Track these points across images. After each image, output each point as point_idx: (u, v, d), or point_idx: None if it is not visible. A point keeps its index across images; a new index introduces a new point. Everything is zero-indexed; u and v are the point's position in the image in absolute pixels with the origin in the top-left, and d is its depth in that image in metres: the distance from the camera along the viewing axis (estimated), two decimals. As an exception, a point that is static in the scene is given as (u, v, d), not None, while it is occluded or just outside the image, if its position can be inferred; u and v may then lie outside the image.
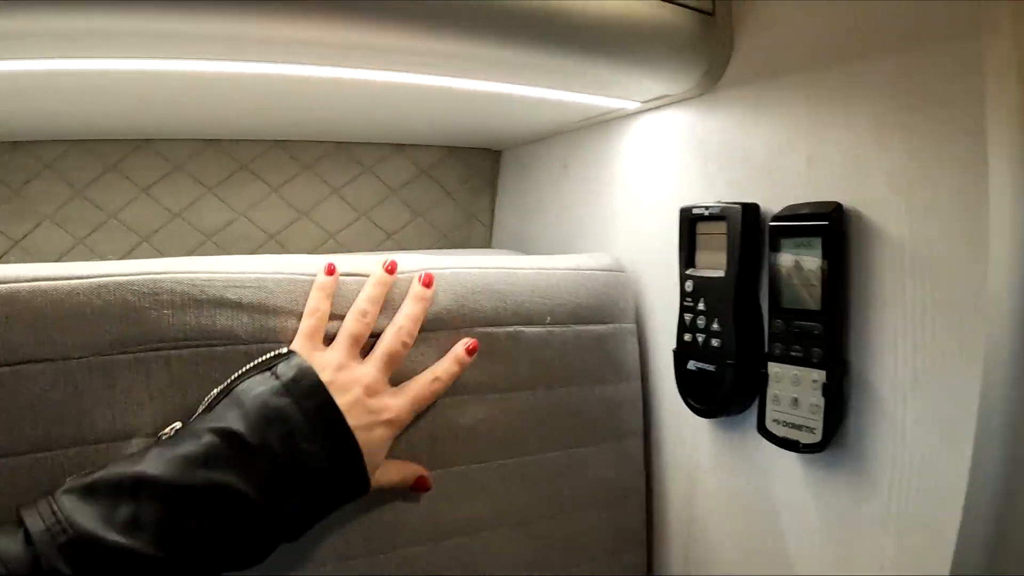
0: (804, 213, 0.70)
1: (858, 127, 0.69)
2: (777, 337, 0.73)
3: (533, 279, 0.90)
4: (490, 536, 0.86)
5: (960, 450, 0.59)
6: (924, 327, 0.64)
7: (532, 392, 0.88)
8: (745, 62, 0.82)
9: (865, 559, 0.70)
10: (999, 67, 0.56)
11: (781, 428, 0.73)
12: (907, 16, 0.64)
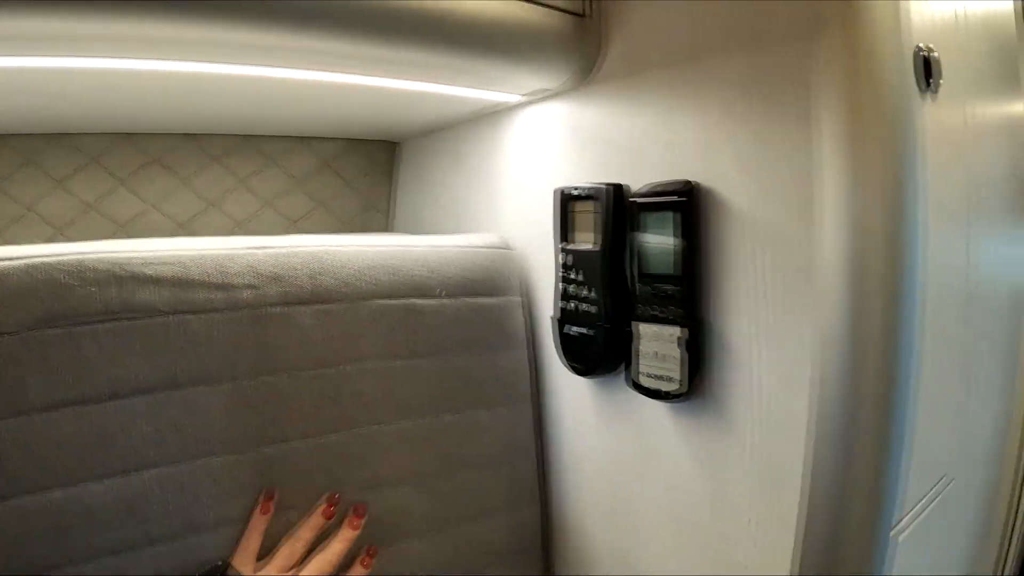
0: (661, 191, 0.80)
1: (709, 116, 0.79)
2: (642, 300, 0.83)
3: (425, 256, 0.98)
4: (393, 494, 0.93)
5: (802, 390, 0.71)
6: (767, 287, 0.75)
7: (428, 359, 0.96)
8: (614, 59, 0.91)
9: (733, 491, 0.80)
10: (826, 64, 0.67)
11: (648, 380, 0.83)
12: (752, 20, 0.74)
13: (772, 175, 0.73)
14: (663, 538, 0.90)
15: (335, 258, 0.91)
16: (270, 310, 0.85)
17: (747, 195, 0.76)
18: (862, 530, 0.71)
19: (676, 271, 0.79)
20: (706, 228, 0.79)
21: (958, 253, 0.88)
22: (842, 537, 0.70)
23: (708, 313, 0.80)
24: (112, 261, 0.76)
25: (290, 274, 0.87)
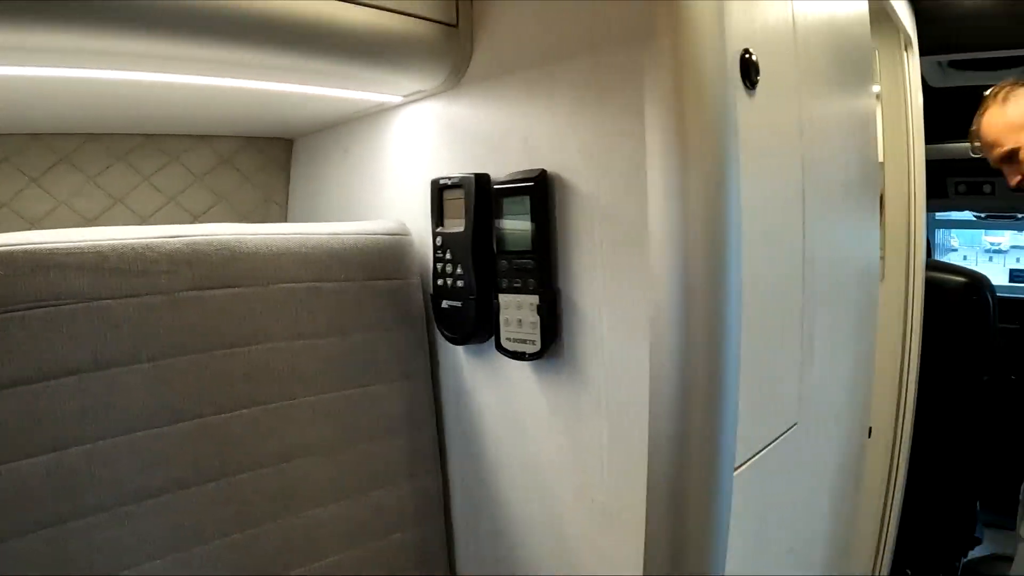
0: (519, 178, 0.93)
1: (559, 112, 0.92)
2: (503, 274, 0.95)
3: (329, 242, 1.06)
4: (302, 463, 1.02)
5: (641, 346, 0.83)
6: (608, 257, 0.88)
7: (332, 339, 1.05)
8: (481, 64, 1.03)
9: (589, 439, 0.93)
10: (656, 66, 0.80)
11: (511, 344, 0.95)
12: (593, 29, 0.87)
13: (611, 162, 0.86)
14: (538, 485, 1.02)
15: (245, 245, 0.97)
16: (185, 294, 0.91)
17: (590, 180, 0.89)
18: (703, 468, 0.82)
19: (531, 247, 0.92)
20: (556, 209, 0.92)
21: (794, 231, 1.02)
22: (686, 474, 0.82)
23: (559, 282, 0.92)
24: (39, 251, 0.82)
25: (203, 260, 0.93)
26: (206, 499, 0.93)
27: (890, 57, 2.08)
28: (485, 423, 1.09)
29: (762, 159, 0.91)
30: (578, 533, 0.98)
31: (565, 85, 0.91)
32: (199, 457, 0.93)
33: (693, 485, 0.83)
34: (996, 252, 7.46)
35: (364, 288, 1.09)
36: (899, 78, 2.10)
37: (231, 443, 0.96)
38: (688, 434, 0.81)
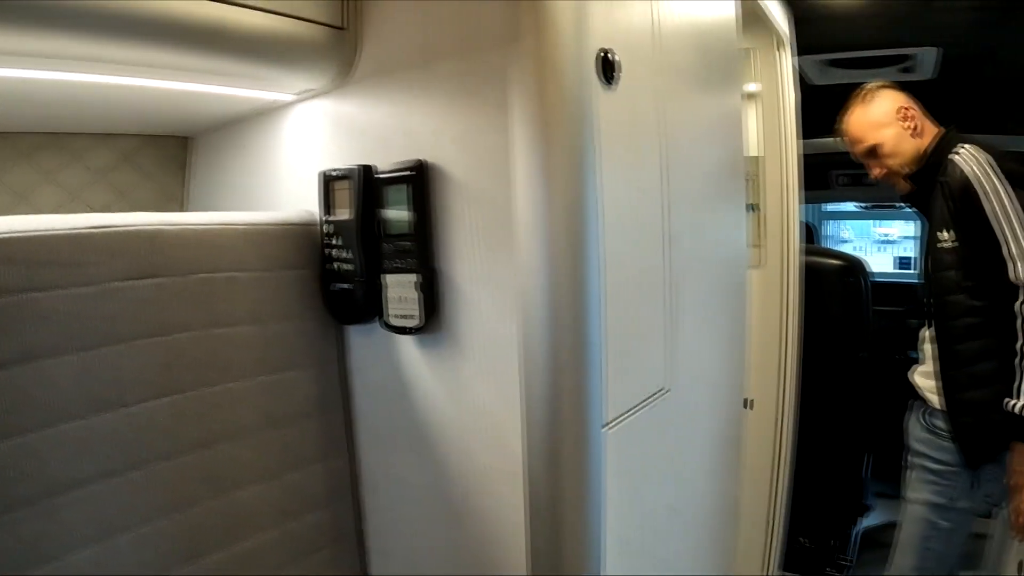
0: (400, 168, 1.01)
1: (435, 107, 1.00)
2: (387, 256, 1.03)
3: (245, 232, 1.09)
4: (222, 448, 1.06)
5: (513, 317, 0.92)
6: (480, 238, 0.97)
7: (247, 326, 1.09)
8: (367, 64, 1.10)
9: (470, 405, 1.02)
10: (520, 65, 0.89)
11: (396, 320, 1.03)
12: (466, 32, 0.96)
13: (481, 152, 0.96)
14: (430, 453, 1.10)
15: (168, 236, 0.99)
16: (111, 285, 0.92)
17: (463, 168, 0.98)
18: (574, 426, 0.92)
19: (411, 231, 1.00)
20: (433, 195, 1.00)
21: (655, 213, 1.11)
22: (559, 432, 0.92)
23: (437, 262, 1.01)
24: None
25: (128, 251, 0.94)
26: (132, 487, 0.95)
27: (765, 56, 2.23)
28: (384, 400, 1.16)
29: (622, 147, 1.00)
30: (465, 495, 1.06)
31: (441, 83, 1.00)
32: (124, 445, 0.94)
33: (566, 442, 0.92)
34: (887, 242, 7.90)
35: (278, 277, 1.13)
36: (774, 76, 2.24)
37: (154, 430, 0.97)
38: (559, 395, 0.91)
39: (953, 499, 1.74)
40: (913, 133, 1.81)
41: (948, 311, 1.70)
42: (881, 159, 1.84)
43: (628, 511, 1.07)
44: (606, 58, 0.94)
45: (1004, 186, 1.56)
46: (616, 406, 0.99)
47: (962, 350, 1.68)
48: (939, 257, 1.70)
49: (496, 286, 0.96)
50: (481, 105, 0.95)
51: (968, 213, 1.62)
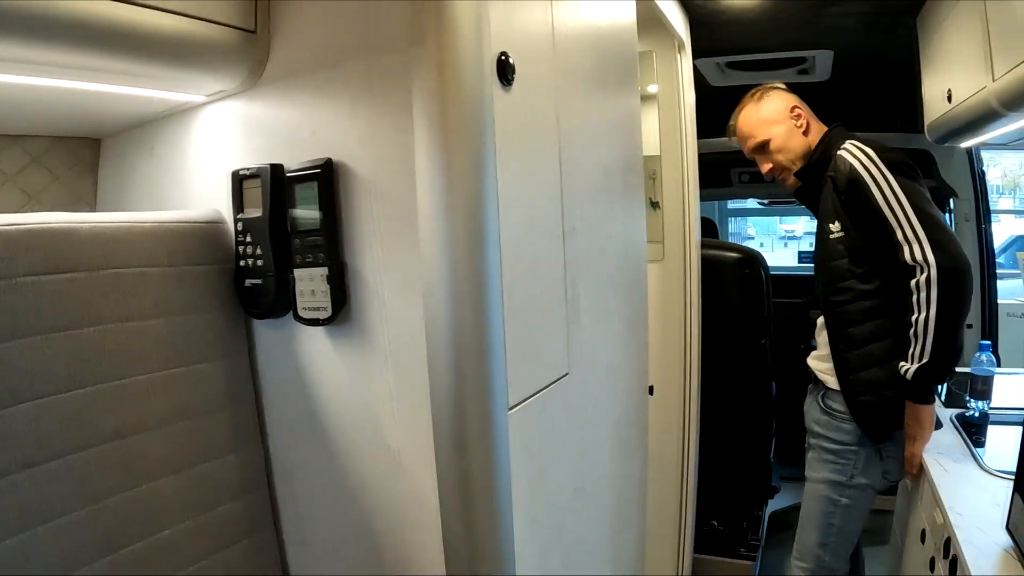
0: (308, 167, 1.05)
1: (342, 107, 1.05)
2: (297, 251, 1.07)
3: (153, 230, 1.12)
4: (138, 439, 1.08)
5: (417, 306, 0.97)
6: (385, 231, 1.02)
7: (158, 320, 1.11)
8: (277, 66, 1.14)
9: (379, 392, 1.07)
10: (422, 67, 0.93)
11: (307, 312, 1.08)
12: (372, 35, 1.01)
13: (385, 150, 1.01)
14: (342, 441, 1.14)
15: (78, 233, 1.02)
16: (23, 279, 0.94)
17: (369, 166, 1.03)
18: (479, 409, 0.97)
19: (320, 226, 1.05)
20: (340, 192, 1.05)
21: (552, 207, 1.18)
22: (465, 415, 0.96)
23: (345, 256, 1.06)
24: None
25: (40, 247, 0.96)
26: (50, 477, 0.97)
27: (665, 59, 2.34)
28: (295, 391, 1.19)
29: (519, 145, 1.06)
30: (376, 479, 1.11)
31: (348, 84, 1.04)
32: (41, 436, 0.96)
33: (472, 424, 0.97)
34: (791, 238, 8.26)
35: (186, 272, 1.16)
36: (673, 78, 2.36)
37: (70, 422, 1.00)
38: (463, 380, 0.96)
39: (852, 476, 1.83)
40: (802, 131, 1.91)
41: (840, 297, 1.80)
42: (771, 155, 1.94)
43: (537, 490, 1.14)
44: (504, 61, 1.00)
45: (888, 177, 1.66)
46: (519, 390, 1.05)
47: (855, 333, 1.78)
48: (829, 247, 1.80)
49: (401, 277, 1.01)
50: (386, 106, 1.00)
51: (856, 204, 1.72)
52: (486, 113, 0.95)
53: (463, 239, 0.93)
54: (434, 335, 0.96)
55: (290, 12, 1.12)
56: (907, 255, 1.63)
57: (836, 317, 1.83)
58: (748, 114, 1.98)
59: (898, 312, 1.71)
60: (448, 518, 1.01)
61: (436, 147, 0.92)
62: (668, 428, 2.44)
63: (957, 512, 1.47)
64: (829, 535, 1.88)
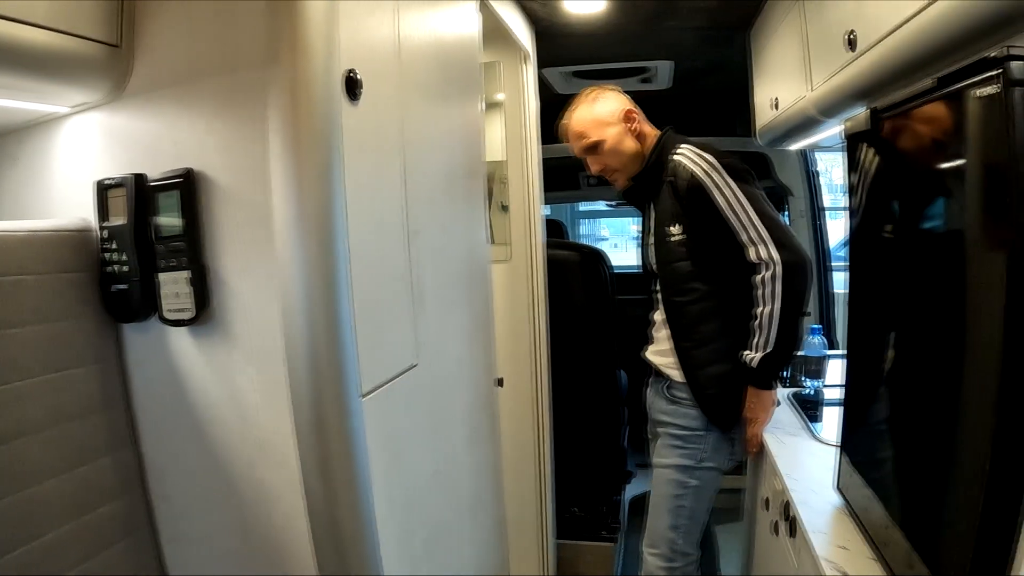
0: (170, 176, 1.12)
1: (202, 120, 1.12)
2: (161, 256, 1.13)
3: (25, 239, 1.13)
4: (16, 445, 1.09)
5: (274, 304, 1.06)
6: (243, 235, 1.10)
7: (34, 327, 1.12)
8: (140, 79, 1.19)
9: (242, 386, 1.14)
10: (277, 84, 1.02)
11: (171, 314, 1.14)
12: (231, 52, 1.08)
13: (243, 161, 1.09)
14: (214, 436, 1.20)
15: None
16: None
17: (227, 175, 1.10)
18: (335, 396, 1.06)
19: (182, 232, 1.11)
20: (201, 200, 1.12)
21: (397, 210, 1.27)
22: (322, 403, 1.05)
23: (206, 259, 1.13)
24: None
25: None
26: None
27: (511, 69, 2.47)
28: (164, 392, 1.24)
29: (365, 155, 1.15)
30: (244, 470, 1.18)
31: (207, 98, 1.12)
32: None
33: (329, 411, 1.06)
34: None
35: (58, 280, 1.17)
36: (518, 87, 2.49)
37: None
38: (319, 370, 1.05)
39: (701, 460, 1.92)
40: (635, 134, 1.97)
41: (683, 297, 1.88)
42: (602, 156, 1.97)
43: (394, 473, 1.23)
44: (351, 77, 1.09)
45: (730, 182, 1.75)
46: (371, 378, 1.14)
47: (700, 330, 1.87)
48: (670, 249, 1.87)
49: (259, 278, 1.09)
50: (243, 119, 1.08)
51: (698, 209, 1.78)
52: (334, 127, 1.04)
53: (315, 242, 1.02)
54: (290, 330, 1.05)
55: (153, 28, 1.17)
56: (753, 254, 1.73)
57: (679, 316, 1.90)
58: (582, 114, 1.99)
59: (739, 308, 1.81)
60: (313, 502, 1.09)
61: (289, 158, 1.01)
62: (522, 419, 2.56)
63: (793, 479, 1.63)
64: (680, 518, 1.94)
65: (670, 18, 2.58)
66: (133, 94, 1.20)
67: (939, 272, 1.10)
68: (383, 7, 1.25)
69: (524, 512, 2.59)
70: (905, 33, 1.20)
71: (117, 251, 1.16)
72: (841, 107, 1.74)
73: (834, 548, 1.34)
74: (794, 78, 2.04)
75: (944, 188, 1.09)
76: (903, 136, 1.21)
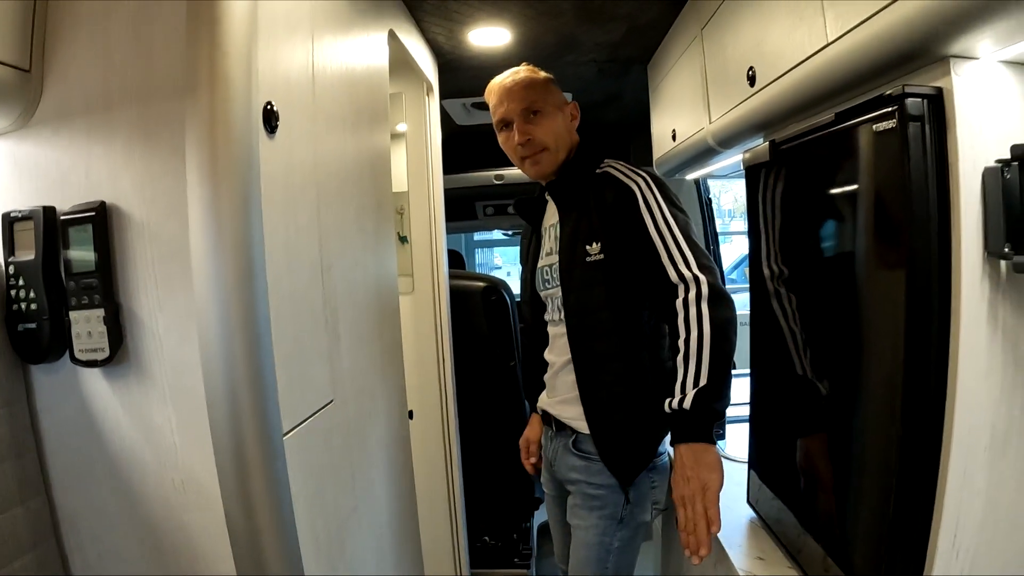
0: (81, 209, 1.07)
1: (116, 151, 1.08)
2: (72, 293, 1.08)
3: None
4: None
5: (193, 340, 1.02)
6: (160, 271, 1.07)
7: None
8: (50, 106, 1.14)
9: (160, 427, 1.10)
10: (195, 116, 0.99)
11: (84, 354, 1.09)
12: (147, 82, 1.06)
13: (159, 194, 1.06)
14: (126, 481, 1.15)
15: None
16: None
17: (143, 208, 1.07)
18: (257, 435, 1.03)
19: (95, 268, 1.07)
20: (115, 234, 1.08)
21: (311, 244, 1.25)
22: (243, 443, 1.02)
23: (121, 296, 1.09)
24: None
25: None
26: None
27: (414, 100, 2.50)
28: (75, 436, 1.18)
29: (282, 189, 1.13)
30: (165, 514, 1.13)
31: (122, 128, 1.08)
32: None
33: (251, 451, 1.03)
34: None
35: None
36: (421, 118, 2.52)
37: None
38: (240, 408, 1.01)
39: (623, 518, 1.68)
40: (574, 128, 1.83)
41: (592, 331, 1.68)
42: (538, 126, 1.74)
43: (317, 511, 1.21)
44: (269, 110, 1.08)
45: (663, 204, 1.59)
46: (291, 416, 1.12)
47: (609, 370, 1.67)
48: (583, 272, 1.67)
49: (176, 315, 1.06)
50: (160, 151, 1.06)
51: (622, 224, 1.61)
52: (253, 160, 1.02)
53: (233, 277, 0.99)
54: (210, 368, 1.01)
55: (66, 54, 1.13)
56: (674, 275, 1.52)
57: (588, 355, 1.69)
58: (532, 79, 1.79)
59: (644, 350, 1.65)
60: (237, 543, 1.05)
61: (208, 192, 0.98)
62: (431, 450, 2.57)
63: (705, 496, 1.67)
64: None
65: (572, 52, 2.65)
66: (43, 122, 1.15)
67: (837, 291, 1.18)
68: (300, 36, 1.24)
69: (438, 544, 2.58)
70: (803, 71, 1.28)
71: (25, 288, 1.11)
72: (739, 139, 1.81)
73: (752, 560, 1.39)
74: (693, 110, 2.11)
75: (841, 213, 1.17)
76: (801, 166, 1.29)
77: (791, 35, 1.31)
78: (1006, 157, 0.92)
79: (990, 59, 0.96)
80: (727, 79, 1.76)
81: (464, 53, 2.60)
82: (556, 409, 1.81)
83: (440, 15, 2.23)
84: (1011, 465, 1.00)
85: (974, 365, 0.96)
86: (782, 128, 1.50)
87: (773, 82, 1.43)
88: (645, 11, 2.25)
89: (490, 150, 2.17)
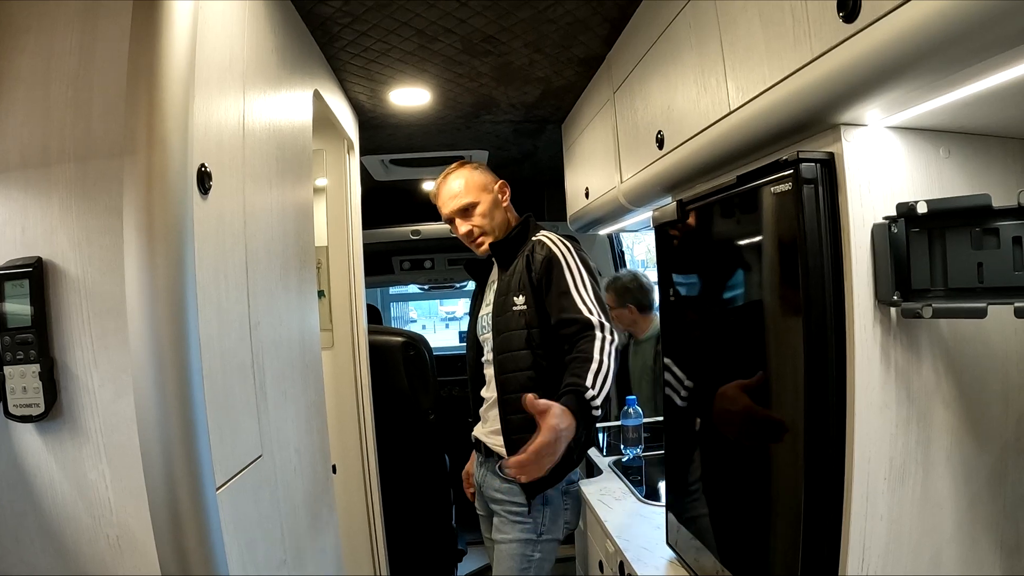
0: (17, 264, 1.08)
1: (53, 209, 1.10)
2: (7, 348, 1.09)
3: None
4: None
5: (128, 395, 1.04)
6: (95, 327, 1.08)
7: None
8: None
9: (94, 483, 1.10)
10: (133, 176, 1.02)
11: (19, 409, 1.09)
12: (86, 140, 1.09)
13: (97, 250, 1.08)
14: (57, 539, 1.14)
15: None
16: None
17: (80, 265, 1.09)
18: (191, 491, 1.03)
19: (30, 323, 1.08)
20: (51, 290, 1.09)
21: (240, 302, 1.28)
22: (178, 498, 1.03)
23: (56, 352, 1.10)
24: None
25: None
26: None
27: (335, 156, 2.57)
28: (6, 493, 1.16)
29: (213, 247, 1.16)
30: (99, 570, 1.13)
31: (59, 185, 1.10)
32: None
33: (185, 505, 1.04)
34: (451, 319, 9.08)
35: None
36: (341, 173, 2.59)
37: None
38: (173, 463, 1.03)
39: (541, 533, 1.97)
40: (504, 205, 2.16)
41: (512, 363, 1.94)
42: (474, 218, 2.11)
43: (248, 564, 1.21)
44: (203, 171, 1.12)
45: (580, 267, 1.91)
46: (224, 471, 1.13)
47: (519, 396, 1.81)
48: (509, 318, 1.96)
49: (110, 371, 1.08)
50: (97, 209, 1.09)
51: (545, 281, 1.91)
52: (187, 220, 1.05)
53: (168, 334, 1.02)
54: (145, 423, 1.02)
55: (3, 109, 1.14)
56: (595, 319, 1.79)
57: (507, 388, 1.95)
58: (466, 175, 2.14)
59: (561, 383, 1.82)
60: (172, 599, 1.05)
61: (144, 251, 1.01)
62: (354, 504, 2.58)
63: (625, 539, 1.76)
64: None
65: (489, 112, 2.76)
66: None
67: (742, 337, 1.28)
68: (232, 94, 1.28)
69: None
70: (707, 136, 1.40)
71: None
72: (649, 198, 1.95)
73: (673, 599, 1.45)
74: (605, 169, 2.23)
75: (743, 267, 1.28)
76: (706, 224, 1.41)
77: (697, 102, 1.42)
78: (892, 214, 1.03)
79: (877, 125, 1.06)
80: (638, 141, 1.88)
81: (385, 111, 2.68)
82: (486, 438, 2.11)
83: (363, 75, 2.32)
84: (911, 492, 1.08)
85: (869, 401, 1.04)
86: (688, 188, 1.63)
87: (680, 145, 1.54)
88: (560, 74, 2.39)
89: (407, 206, 2.24)
